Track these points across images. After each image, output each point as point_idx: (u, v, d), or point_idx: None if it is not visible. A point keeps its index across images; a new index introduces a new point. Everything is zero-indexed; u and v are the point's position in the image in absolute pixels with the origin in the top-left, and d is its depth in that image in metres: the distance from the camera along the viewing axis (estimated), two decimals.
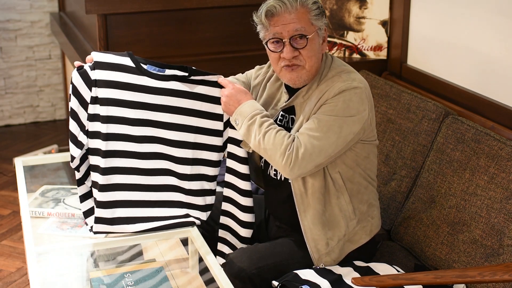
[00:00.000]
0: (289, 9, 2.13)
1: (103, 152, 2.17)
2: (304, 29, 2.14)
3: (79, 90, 2.15)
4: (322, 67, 2.21)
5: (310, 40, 2.14)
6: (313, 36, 2.15)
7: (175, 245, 2.43)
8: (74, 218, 2.47)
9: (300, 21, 2.13)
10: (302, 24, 2.13)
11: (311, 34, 2.14)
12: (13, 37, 5.12)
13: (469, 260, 2.28)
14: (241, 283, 2.16)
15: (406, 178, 2.64)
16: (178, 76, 2.22)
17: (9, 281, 3.29)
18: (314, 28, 2.16)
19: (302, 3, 2.14)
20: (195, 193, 2.28)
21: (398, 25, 3.08)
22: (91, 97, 2.15)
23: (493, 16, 2.56)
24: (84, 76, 2.15)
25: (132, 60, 2.19)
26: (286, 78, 2.21)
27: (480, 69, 2.66)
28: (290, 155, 2.08)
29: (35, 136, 5.14)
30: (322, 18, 2.18)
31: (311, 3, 2.15)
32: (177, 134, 2.24)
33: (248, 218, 2.32)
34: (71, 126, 2.17)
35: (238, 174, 2.30)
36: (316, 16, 2.16)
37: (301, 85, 2.22)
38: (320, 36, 2.19)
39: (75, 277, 2.23)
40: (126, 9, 3.13)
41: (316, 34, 2.16)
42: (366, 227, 2.29)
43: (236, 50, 3.39)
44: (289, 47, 2.15)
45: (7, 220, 3.89)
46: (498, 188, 2.26)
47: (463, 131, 2.44)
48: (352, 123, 2.13)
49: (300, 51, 2.15)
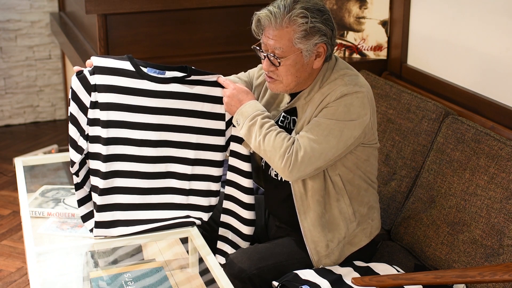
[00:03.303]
0: (274, 25, 2.09)
1: (104, 157, 2.17)
2: (281, 51, 2.09)
3: (78, 95, 2.15)
4: (324, 69, 2.20)
5: (284, 62, 2.11)
6: (291, 57, 2.10)
7: (175, 244, 2.43)
8: (74, 218, 2.47)
9: (280, 40, 2.09)
10: (281, 45, 2.09)
11: (288, 55, 2.10)
12: (13, 37, 5.12)
13: (469, 260, 2.28)
14: (241, 284, 2.16)
15: (406, 178, 2.64)
16: (178, 78, 2.22)
17: (9, 281, 3.29)
18: (296, 49, 2.10)
19: (290, 20, 2.07)
20: (200, 193, 2.29)
21: (398, 25, 3.08)
22: (91, 102, 2.15)
23: (493, 16, 2.56)
24: (83, 81, 2.15)
25: (131, 63, 2.19)
26: (267, 86, 2.23)
27: (480, 69, 2.66)
28: (290, 158, 2.08)
29: (35, 136, 5.14)
30: (313, 38, 2.09)
31: (299, 24, 2.07)
32: (179, 136, 2.24)
33: (251, 216, 2.32)
34: (71, 131, 2.16)
35: (241, 172, 2.30)
36: (301, 38, 2.08)
37: (283, 93, 2.21)
38: (307, 56, 2.11)
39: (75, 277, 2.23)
40: (126, 9, 3.13)
41: (298, 55, 2.10)
42: (366, 229, 2.29)
43: (236, 50, 3.39)
44: (266, 61, 2.14)
45: (7, 220, 3.89)
46: (498, 188, 2.26)
47: (463, 131, 2.44)
48: (353, 127, 2.12)
49: (277, 67, 2.14)
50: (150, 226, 2.23)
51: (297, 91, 2.20)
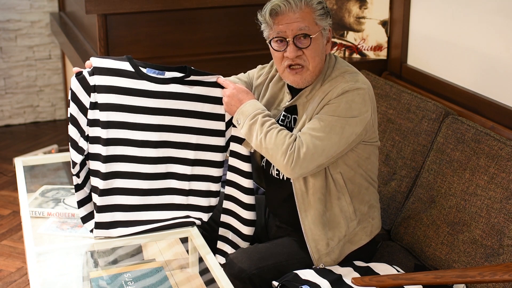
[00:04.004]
0: (294, 8, 2.12)
1: (104, 157, 2.17)
2: (308, 29, 2.13)
3: (78, 96, 2.15)
4: (325, 67, 2.20)
5: (314, 40, 2.14)
6: (317, 36, 2.14)
7: (175, 244, 2.43)
8: (74, 218, 2.47)
9: (304, 20, 2.13)
10: (306, 24, 2.13)
11: (315, 34, 2.14)
12: (13, 37, 5.12)
13: (469, 260, 2.28)
14: (241, 284, 2.16)
15: (406, 178, 2.64)
16: (177, 78, 2.22)
17: (9, 281, 3.29)
18: (318, 28, 2.15)
19: (307, 2, 2.13)
20: (199, 193, 2.28)
21: (398, 25, 3.08)
22: (90, 102, 2.15)
23: (493, 16, 2.56)
24: (83, 82, 2.15)
25: (131, 64, 2.19)
26: (290, 80, 2.21)
27: (480, 69, 2.66)
28: (292, 155, 2.08)
29: (35, 136, 5.14)
30: (326, 19, 2.17)
31: (316, 3, 2.14)
32: (178, 136, 2.24)
33: (251, 216, 2.32)
34: (71, 132, 2.17)
35: (241, 172, 2.30)
36: (321, 16, 2.15)
37: (304, 86, 2.21)
38: (324, 37, 2.18)
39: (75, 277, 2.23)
40: (126, 9, 3.13)
41: (320, 34, 2.15)
42: (366, 228, 2.29)
43: (236, 50, 3.39)
44: (292, 46, 2.14)
45: (7, 220, 3.89)
46: (498, 188, 2.26)
47: (463, 131, 2.44)
48: (354, 124, 2.13)
49: (303, 51, 2.14)
50: (150, 226, 2.23)
51: (310, 83, 2.20)
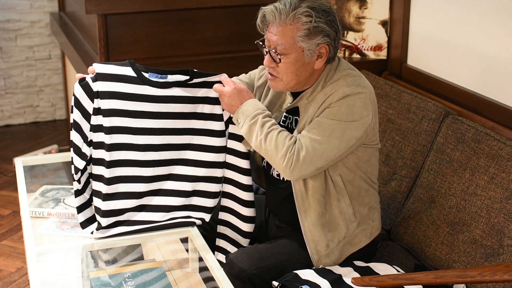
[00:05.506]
0: (278, 21, 2.09)
1: (108, 163, 2.17)
2: (283, 47, 2.10)
3: (81, 102, 2.15)
4: (327, 69, 2.20)
5: (285, 59, 2.11)
6: (292, 55, 2.11)
7: (175, 245, 2.43)
8: (74, 218, 2.47)
9: (283, 37, 2.09)
10: (283, 42, 2.10)
11: (290, 53, 2.10)
12: (13, 37, 5.12)
13: (469, 260, 2.28)
14: (241, 284, 2.16)
15: (406, 178, 2.64)
16: (179, 82, 2.22)
17: (9, 281, 3.29)
18: (298, 48, 2.10)
19: (294, 18, 2.07)
20: (206, 195, 2.30)
21: (398, 25, 3.08)
22: (94, 108, 2.16)
23: (493, 16, 2.56)
24: (86, 88, 2.15)
25: (133, 69, 2.19)
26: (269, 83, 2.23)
27: (480, 69, 2.66)
28: (291, 157, 2.08)
29: (35, 136, 5.14)
30: (315, 38, 2.09)
31: (303, 22, 2.07)
32: (180, 139, 2.24)
33: (251, 213, 2.33)
34: (74, 138, 2.17)
35: (239, 169, 2.30)
36: (303, 37, 2.08)
37: (287, 91, 2.22)
38: (309, 55, 2.11)
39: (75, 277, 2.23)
40: (126, 9, 3.13)
41: (299, 54, 2.11)
42: (366, 230, 2.29)
43: (236, 50, 3.39)
44: (268, 56, 2.15)
45: (7, 220, 3.89)
46: (498, 188, 2.26)
47: (463, 131, 2.44)
48: (355, 128, 2.12)
49: (277, 64, 2.14)
50: (151, 225, 2.24)
51: (299, 90, 2.20)
